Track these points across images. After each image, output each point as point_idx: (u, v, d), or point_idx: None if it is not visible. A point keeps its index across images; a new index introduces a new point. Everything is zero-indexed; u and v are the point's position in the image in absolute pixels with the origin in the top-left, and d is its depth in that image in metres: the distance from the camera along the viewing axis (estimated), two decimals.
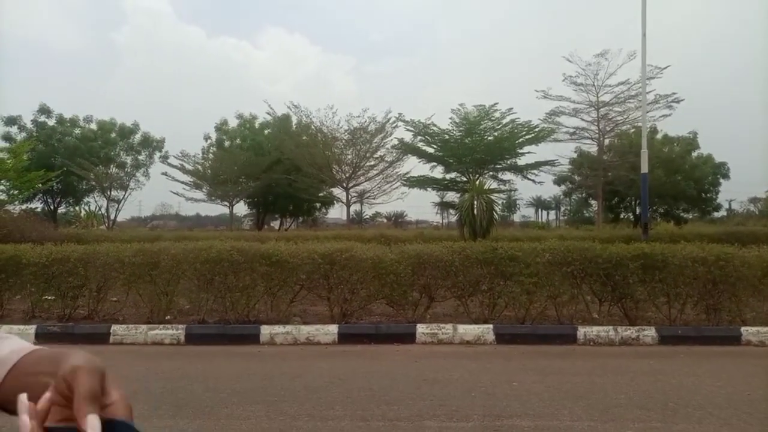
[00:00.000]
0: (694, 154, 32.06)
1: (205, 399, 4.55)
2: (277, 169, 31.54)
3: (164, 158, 32.48)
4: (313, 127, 28.38)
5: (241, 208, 41.96)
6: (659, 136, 31.28)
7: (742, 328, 6.61)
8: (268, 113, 31.62)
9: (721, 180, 32.94)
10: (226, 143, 34.54)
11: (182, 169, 31.71)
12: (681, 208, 32.31)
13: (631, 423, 3.97)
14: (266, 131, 35.26)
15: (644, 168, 16.61)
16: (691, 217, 34.20)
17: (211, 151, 34.43)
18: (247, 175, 31.64)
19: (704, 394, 4.62)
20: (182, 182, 32.26)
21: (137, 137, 32.67)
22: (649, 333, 6.60)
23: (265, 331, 6.68)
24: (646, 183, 16.91)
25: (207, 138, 35.32)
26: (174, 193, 33.27)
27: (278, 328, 6.71)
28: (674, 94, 24.13)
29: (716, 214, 37.11)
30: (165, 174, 31.70)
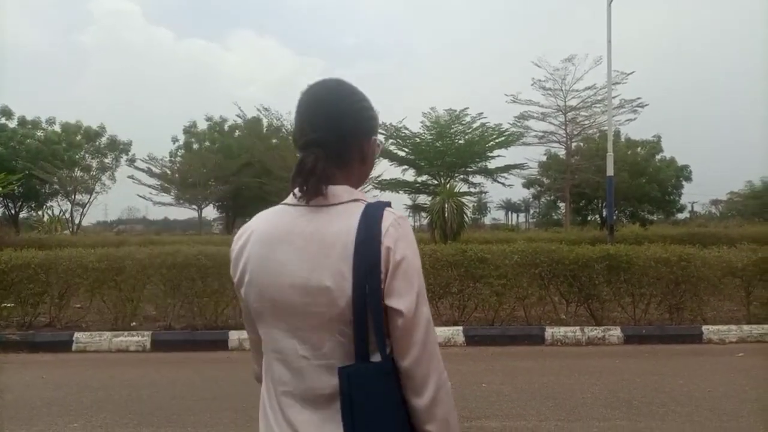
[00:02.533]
0: (658, 157, 32.99)
1: (172, 407, 4.46)
2: (248, 173, 31.23)
3: (131, 161, 31.87)
4: (284, 129, 28.22)
5: (211, 212, 41.47)
6: (624, 139, 32.05)
7: (703, 327, 6.80)
8: (238, 116, 31.31)
9: (684, 182, 33.95)
10: (195, 146, 34.08)
11: (149, 172, 31.14)
12: (646, 210, 33.17)
13: (597, 422, 4.04)
14: (236, 134, 34.92)
15: (610, 171, 17.00)
16: (655, 218, 35.12)
17: (179, 153, 33.90)
18: (217, 179, 31.27)
19: (667, 391, 4.74)
20: (149, 186, 31.65)
21: (103, 140, 31.96)
22: (615, 333, 6.73)
23: (234, 336, 6.59)
24: (611, 186, 17.29)
25: (175, 140, 34.79)
26: (141, 196, 32.55)
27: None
28: (638, 98, 24.78)
29: (679, 216, 38.21)
30: (131, 177, 31.07)
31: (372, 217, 1.03)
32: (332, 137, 1.10)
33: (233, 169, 31.00)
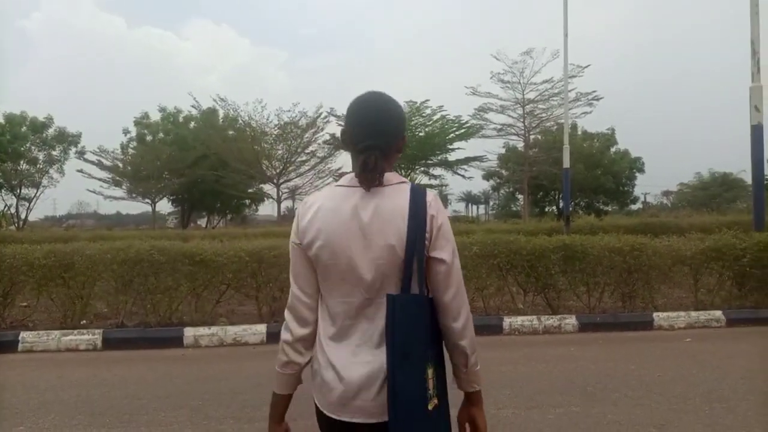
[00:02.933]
0: (613, 149, 33.93)
1: (124, 406, 4.32)
2: (203, 165, 30.60)
3: (81, 154, 30.74)
4: (241, 121, 27.72)
5: (165, 206, 40.49)
6: (581, 132, 32.81)
7: (654, 314, 7.03)
8: (193, 107, 30.56)
9: (637, 174, 35.06)
10: (148, 138, 33.09)
11: (100, 165, 30.15)
12: (601, 201, 34.13)
13: (553, 408, 4.11)
14: (191, 125, 34.09)
15: (566, 163, 17.36)
16: (610, 209, 36.15)
17: (131, 146, 32.86)
18: (171, 171, 30.51)
19: (620, 377, 4.86)
20: (100, 179, 30.71)
21: (51, 131, 30.67)
22: (570, 321, 6.89)
23: (189, 333, 6.43)
24: (567, 177, 17.65)
25: (126, 132, 33.69)
26: (91, 191, 31.53)
27: (203, 330, 6.48)
28: (594, 92, 25.41)
29: (633, 207, 39.46)
30: (81, 171, 30.00)
31: (419, 194, 1.44)
32: (382, 142, 1.46)
33: (188, 162, 30.32)
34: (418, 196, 1.43)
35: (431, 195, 1.46)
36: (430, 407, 1.40)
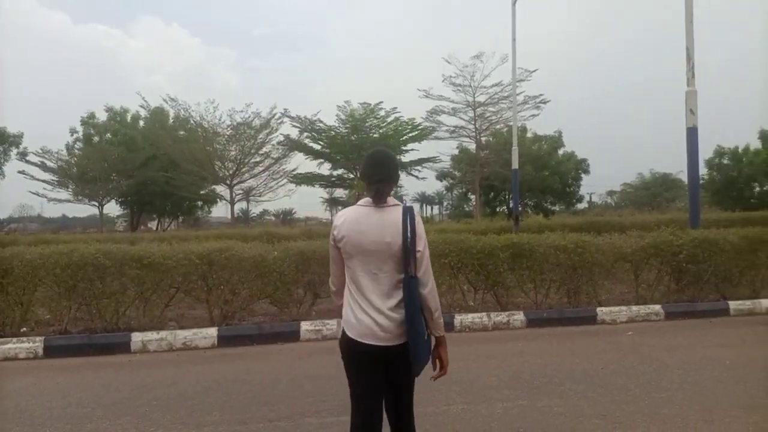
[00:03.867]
0: (560, 151, 34.91)
1: (66, 415, 4.18)
2: (153, 166, 29.76)
3: (23, 155, 29.34)
4: (192, 121, 27.09)
5: (114, 209, 39.18)
6: (530, 134, 33.64)
7: (598, 309, 7.31)
8: (142, 106, 29.65)
9: (583, 175, 36.18)
10: (95, 138, 31.91)
11: (43, 166, 28.88)
12: (549, 201, 35.05)
13: (500, 403, 4.23)
14: (140, 125, 33.09)
15: (515, 164, 17.79)
16: (557, 209, 37.18)
17: (77, 146, 31.60)
18: (119, 173, 29.54)
19: (565, 371, 5.04)
20: (43, 181, 29.40)
21: None
22: (518, 317, 7.08)
23: (137, 338, 6.27)
24: (517, 178, 18.09)
25: (73, 132, 32.38)
26: (34, 193, 30.10)
27: (151, 335, 6.32)
28: (541, 95, 26.12)
29: (579, 206, 40.71)
30: (23, 172, 28.66)
31: (408, 212, 2.38)
32: (386, 178, 2.45)
33: (137, 163, 29.43)
34: (407, 213, 2.40)
35: (414, 213, 2.43)
36: (425, 336, 2.46)
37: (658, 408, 4.05)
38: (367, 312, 2.40)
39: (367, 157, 2.58)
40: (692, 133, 9.52)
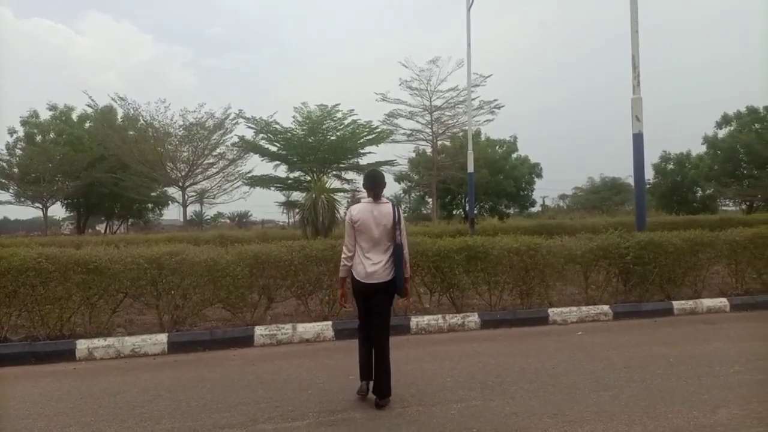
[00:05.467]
0: (514, 155, 35.60)
1: (5, 428, 3.98)
2: (101, 167, 28.73)
3: None
4: (142, 120, 26.25)
5: (59, 211, 37.66)
6: (485, 139, 34.20)
7: (549, 310, 7.48)
8: (89, 105, 28.50)
9: (536, 179, 36.98)
10: (38, 137, 30.55)
11: None
12: (503, 204, 35.65)
13: (455, 404, 4.27)
14: (87, 125, 31.89)
15: (470, 168, 18.05)
16: (512, 212, 37.87)
17: (18, 146, 30.19)
18: (65, 173, 28.38)
19: (517, 371, 5.14)
20: None
21: None
22: (473, 319, 7.17)
23: (82, 345, 6.03)
24: (472, 182, 18.36)
25: (12, 132, 30.90)
26: None
27: (98, 342, 6.09)
28: (496, 100, 26.61)
29: (533, 209, 41.61)
30: None
31: (395, 206, 4.51)
32: (380, 187, 4.54)
33: (83, 163, 28.35)
34: (395, 207, 4.47)
35: (397, 209, 4.49)
36: (405, 276, 4.47)
37: (606, 405, 4.17)
38: (370, 264, 4.36)
39: (367, 174, 4.65)
40: (638, 139, 9.87)
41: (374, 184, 4.49)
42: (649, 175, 33.07)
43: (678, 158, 34.89)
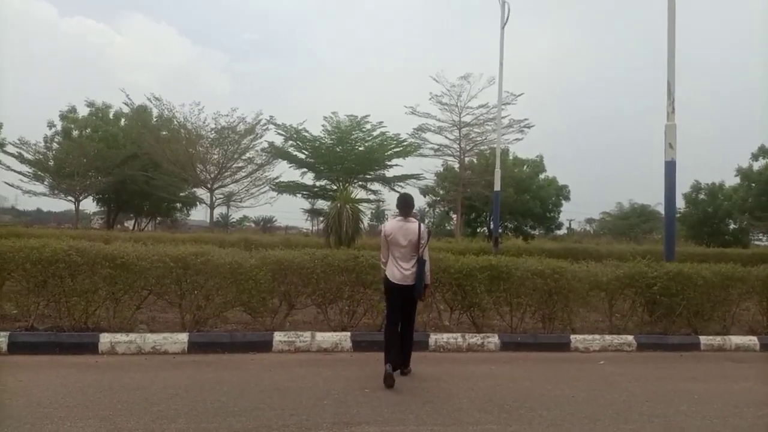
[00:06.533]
0: (541, 176, 35.32)
1: (26, 415, 4.06)
2: (133, 165, 29.35)
3: (0, 145, 28.68)
4: (176, 122, 26.78)
5: (90, 205, 38.53)
6: (512, 157, 34.00)
7: (571, 336, 7.35)
8: (125, 103, 29.20)
9: (563, 201, 36.62)
10: (75, 132, 31.37)
11: (20, 157, 28.29)
12: (528, 225, 35.34)
13: (471, 426, 4.21)
14: (122, 122, 32.64)
15: (497, 186, 17.93)
16: (537, 233, 37.51)
17: (56, 140, 31.04)
18: (98, 169, 29.05)
19: (536, 396, 5.05)
20: (19, 172, 28.78)
21: None
22: (493, 340, 7.08)
23: (105, 339, 6.13)
24: (498, 200, 18.23)
25: (51, 126, 31.80)
26: (9, 184, 29.42)
27: (120, 337, 6.19)
28: (526, 119, 26.48)
29: (558, 232, 41.16)
30: None
31: (420, 223, 5.56)
32: (410, 207, 5.68)
33: (117, 160, 29.01)
34: (420, 225, 5.53)
35: (423, 226, 5.56)
36: (422, 282, 5.47)
37: None
38: (399, 270, 5.42)
39: (399, 197, 5.73)
40: (670, 167, 9.70)
41: (405, 205, 5.63)
42: (679, 204, 32.41)
43: (710, 188, 34.18)
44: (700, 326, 7.98)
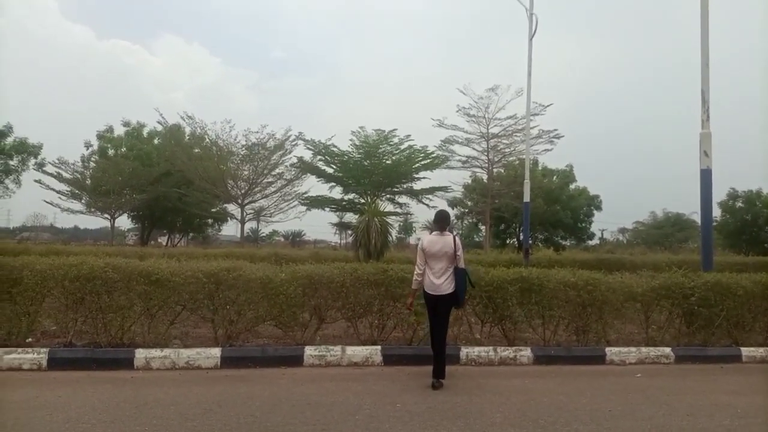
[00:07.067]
0: (572, 186, 34.82)
1: (65, 430, 4.15)
2: (167, 182, 30.05)
3: (40, 165, 29.73)
4: (207, 139, 27.39)
5: (125, 222, 39.49)
6: (541, 168, 33.64)
7: (606, 349, 7.19)
8: (159, 122, 30.03)
9: (594, 211, 36.01)
10: (110, 151, 32.33)
11: (59, 177, 29.26)
12: (559, 236, 34.82)
13: None
14: (156, 141, 33.51)
15: (526, 197, 17.75)
16: (568, 244, 36.91)
17: (92, 159, 32.03)
18: (132, 187, 29.83)
19: (571, 411, 4.94)
20: (58, 191, 29.75)
21: (9, 141, 29.49)
22: (525, 353, 6.97)
23: (141, 354, 6.25)
24: (528, 211, 18.04)
25: (88, 145, 32.85)
26: (48, 202, 30.45)
27: (155, 352, 6.30)
28: (555, 130, 26.22)
29: (590, 242, 40.42)
30: (38, 182, 29.05)
31: (455, 237, 6.02)
32: (445, 222, 6.13)
33: (151, 178, 29.74)
34: (455, 238, 5.98)
35: (457, 238, 6.04)
36: (463, 290, 5.94)
37: None
38: (434, 281, 5.84)
39: (436, 213, 6.24)
40: (706, 175, 9.47)
41: (440, 219, 6.10)
42: (715, 212, 31.55)
43: (747, 196, 33.16)
44: (740, 337, 7.73)
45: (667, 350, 7.27)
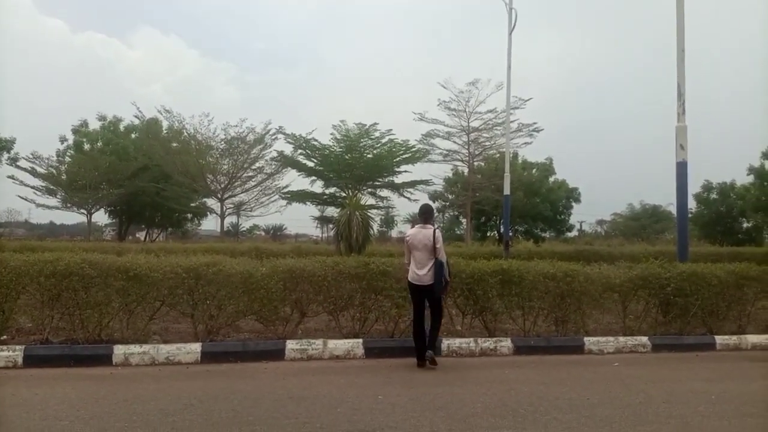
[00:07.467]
0: (551, 179, 35.11)
1: (43, 428, 4.09)
2: (144, 177, 29.62)
3: (13, 160, 29.05)
4: (186, 133, 26.99)
5: (102, 217, 38.85)
6: (521, 161, 33.87)
7: (585, 338, 7.30)
8: (136, 116, 29.52)
9: (573, 203, 36.37)
10: (86, 146, 31.74)
11: (33, 172, 28.65)
12: (539, 228, 35.12)
13: (485, 431, 4.19)
14: (133, 135, 32.98)
15: (507, 190, 17.91)
16: (548, 236, 37.27)
17: (68, 154, 31.42)
18: (109, 182, 29.35)
19: (551, 400, 5.01)
20: (33, 187, 29.13)
21: None
22: (506, 344, 7.05)
23: (119, 351, 6.17)
24: (508, 204, 18.20)
25: (63, 140, 32.21)
26: (22, 198, 29.81)
27: (134, 348, 6.23)
28: (535, 123, 26.38)
29: (569, 234, 40.86)
30: (12, 177, 28.41)
31: (435, 229, 6.37)
32: (429, 217, 6.60)
33: (128, 173, 29.29)
34: (435, 231, 6.32)
35: (438, 231, 6.38)
36: (441, 281, 6.24)
37: None
38: (417, 272, 6.24)
39: (421, 207, 6.77)
40: (681, 168, 9.63)
41: (424, 212, 6.60)
42: (690, 204, 32.11)
43: (721, 188, 33.82)
44: (715, 326, 7.90)
45: (644, 339, 7.41)
